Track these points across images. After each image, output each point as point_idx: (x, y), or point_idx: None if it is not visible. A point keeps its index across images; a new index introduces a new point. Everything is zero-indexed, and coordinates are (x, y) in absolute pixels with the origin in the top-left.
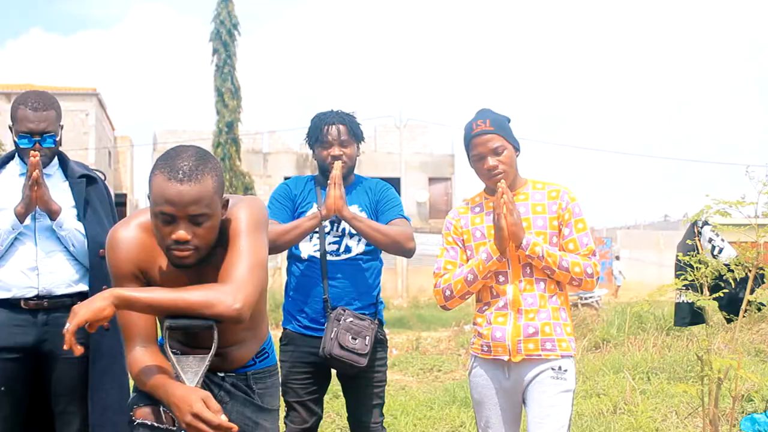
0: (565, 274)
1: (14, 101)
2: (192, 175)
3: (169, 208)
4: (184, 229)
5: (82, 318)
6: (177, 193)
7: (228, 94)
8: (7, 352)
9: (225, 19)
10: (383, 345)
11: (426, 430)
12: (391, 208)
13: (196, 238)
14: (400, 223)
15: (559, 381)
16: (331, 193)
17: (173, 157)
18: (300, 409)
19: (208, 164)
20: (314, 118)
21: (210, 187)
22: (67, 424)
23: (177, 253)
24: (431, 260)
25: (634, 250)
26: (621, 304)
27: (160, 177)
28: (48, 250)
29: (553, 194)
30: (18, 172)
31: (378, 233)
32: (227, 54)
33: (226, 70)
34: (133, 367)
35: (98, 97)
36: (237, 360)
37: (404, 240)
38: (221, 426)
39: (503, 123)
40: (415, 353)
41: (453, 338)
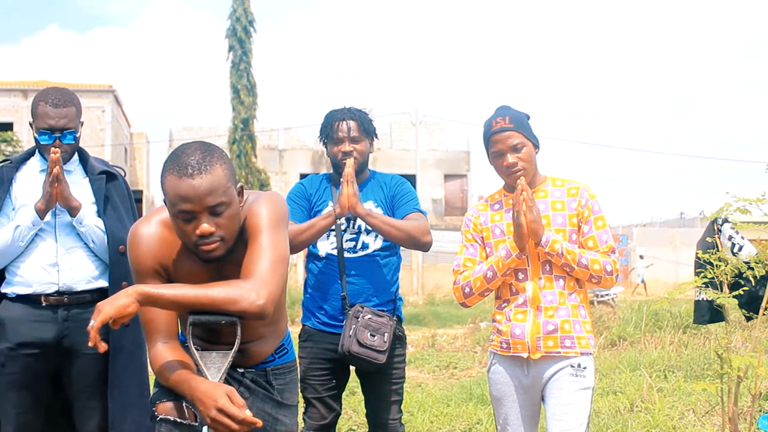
0: (584, 272)
1: (35, 98)
2: (201, 167)
3: (186, 206)
4: (206, 222)
5: (106, 315)
6: (191, 187)
7: (244, 91)
8: (27, 348)
9: (241, 15)
10: (402, 342)
11: (443, 427)
12: (407, 202)
13: (220, 228)
14: (415, 217)
15: (578, 378)
16: (344, 191)
17: (179, 155)
18: (318, 406)
19: (214, 154)
20: (326, 115)
21: (221, 175)
22: (88, 419)
23: (205, 247)
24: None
25: (649, 247)
26: (637, 301)
27: (171, 177)
28: (68, 246)
29: (572, 191)
30: (38, 168)
31: (393, 228)
32: (243, 51)
33: (242, 67)
34: (155, 362)
35: (114, 93)
36: (257, 356)
37: (420, 234)
38: (246, 420)
39: (522, 120)
40: (431, 350)
41: (469, 335)
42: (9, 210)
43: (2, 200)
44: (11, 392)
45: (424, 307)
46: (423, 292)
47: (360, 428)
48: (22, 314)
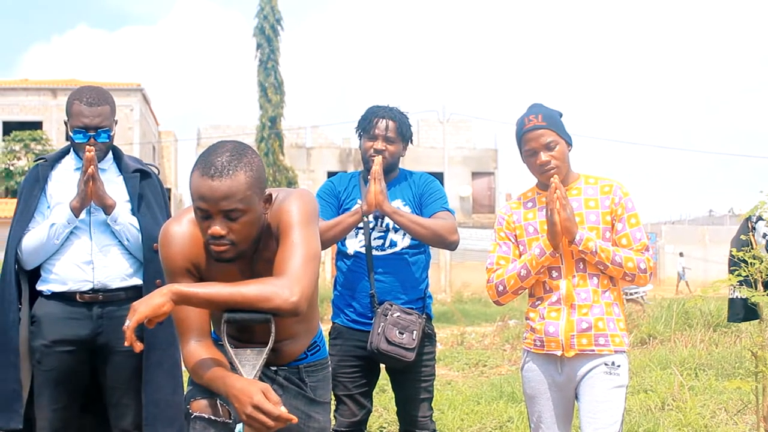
0: (618, 270)
1: (69, 97)
2: (223, 171)
3: (202, 204)
4: (218, 224)
5: (142, 314)
6: (208, 189)
7: (271, 89)
8: (63, 345)
9: (268, 14)
10: (431, 339)
11: (473, 424)
12: (435, 201)
13: (232, 233)
14: (443, 215)
15: (612, 376)
16: (371, 188)
17: (210, 152)
18: (349, 403)
19: (243, 159)
20: (368, 108)
21: (242, 183)
22: (121, 416)
23: (214, 248)
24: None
25: (678, 245)
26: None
27: (196, 173)
28: (103, 244)
29: (606, 189)
30: (73, 166)
31: (419, 227)
32: (270, 49)
33: (270, 65)
34: (189, 360)
35: (143, 92)
36: (290, 354)
37: (447, 233)
38: (281, 417)
39: (555, 118)
40: (460, 348)
41: (498, 333)
42: (44, 208)
43: (38, 198)
44: (47, 388)
45: (452, 304)
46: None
47: (391, 426)
48: (58, 311)
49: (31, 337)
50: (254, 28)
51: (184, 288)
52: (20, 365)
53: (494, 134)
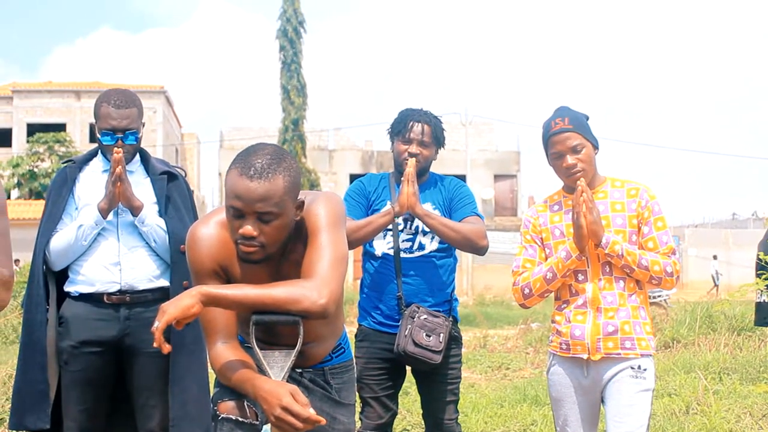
0: (644, 273)
1: (97, 99)
2: (263, 173)
3: (237, 203)
4: (250, 224)
5: (171, 316)
6: (246, 189)
7: (294, 92)
8: (90, 346)
9: (291, 16)
10: (457, 342)
11: (497, 428)
12: (465, 205)
13: (263, 235)
14: (473, 220)
15: (639, 380)
16: (404, 190)
17: (250, 153)
18: (375, 405)
19: (282, 164)
20: (402, 111)
21: (280, 187)
22: (148, 417)
23: (243, 248)
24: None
25: (701, 248)
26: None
27: (234, 172)
28: (130, 245)
29: (632, 192)
30: (101, 168)
31: (450, 230)
32: (293, 51)
33: (293, 68)
34: (216, 362)
35: (166, 94)
36: (315, 356)
37: (477, 237)
38: (310, 419)
39: (582, 121)
40: (483, 351)
41: (521, 336)
42: (72, 209)
43: (66, 200)
44: (74, 389)
45: (475, 307)
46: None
47: (414, 428)
48: (85, 313)
49: (58, 338)
50: (277, 31)
51: (212, 289)
52: (48, 366)
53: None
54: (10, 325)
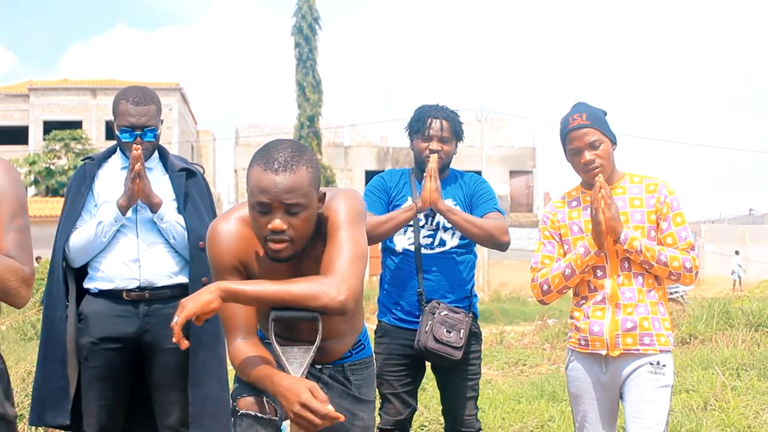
0: (663, 269)
1: (116, 96)
2: (287, 166)
3: (264, 198)
4: (279, 218)
5: (190, 311)
6: (272, 182)
7: (309, 88)
8: (109, 342)
9: (306, 13)
10: (477, 338)
11: (514, 423)
12: (486, 201)
13: (292, 228)
14: (494, 216)
15: (658, 376)
16: (426, 186)
17: (270, 149)
18: (395, 401)
19: (304, 156)
20: (419, 108)
21: (305, 178)
22: (168, 413)
23: (273, 245)
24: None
25: (718, 244)
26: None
27: (257, 168)
28: (149, 242)
29: (650, 188)
30: (120, 165)
31: (473, 226)
32: (308, 48)
33: (308, 64)
34: (235, 358)
35: (181, 91)
36: (335, 352)
37: (499, 233)
38: (329, 415)
39: (600, 116)
40: (499, 347)
41: (537, 332)
42: (91, 206)
43: (85, 197)
44: (94, 386)
45: (491, 303)
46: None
47: (432, 424)
48: (105, 309)
49: (78, 334)
50: (292, 27)
51: (232, 285)
52: (68, 362)
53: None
54: (29, 322)
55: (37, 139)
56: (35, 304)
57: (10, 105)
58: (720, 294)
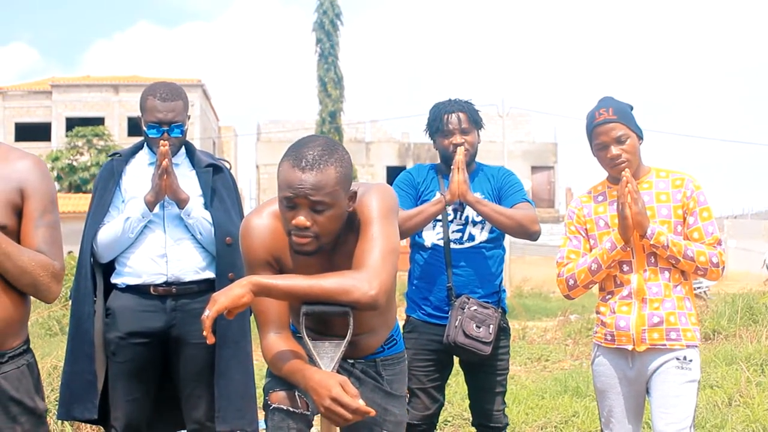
0: (690, 264)
1: (143, 92)
2: (315, 164)
3: (290, 194)
4: (304, 215)
5: (222, 305)
6: (298, 179)
7: (331, 84)
8: (137, 337)
9: (328, 8)
10: (506, 333)
11: (538, 419)
12: (514, 192)
13: (316, 225)
14: (523, 206)
15: (684, 371)
16: (454, 178)
17: (301, 145)
18: (422, 396)
19: (334, 155)
20: (433, 108)
21: (332, 178)
22: (194, 408)
23: (296, 239)
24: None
25: (741, 240)
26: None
27: (286, 164)
28: (176, 237)
29: (677, 183)
30: (147, 161)
31: (502, 216)
32: (330, 44)
33: (329, 60)
34: (268, 352)
35: (203, 88)
36: (367, 347)
37: (529, 223)
38: (359, 410)
39: (626, 111)
40: (522, 343)
41: (559, 328)
42: (119, 202)
43: (112, 193)
44: (121, 380)
45: (513, 299)
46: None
47: (456, 419)
48: (132, 304)
49: (105, 329)
50: (313, 23)
51: (263, 279)
52: (95, 357)
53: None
54: (54, 318)
55: (60, 136)
56: (60, 299)
57: (33, 102)
58: (743, 290)
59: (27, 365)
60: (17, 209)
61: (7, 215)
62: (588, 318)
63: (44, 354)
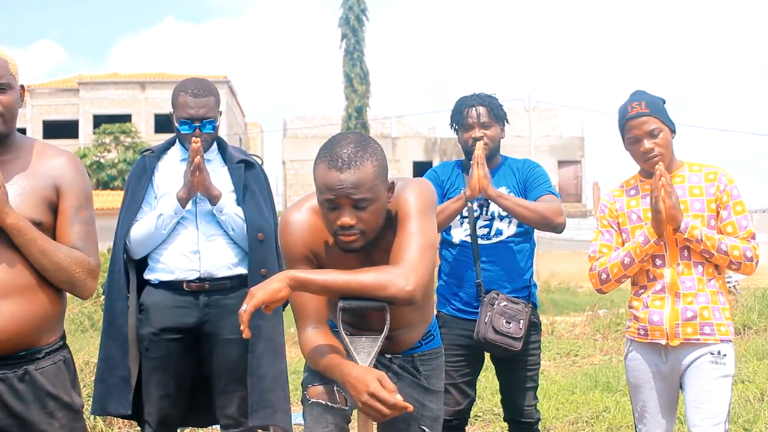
0: (723, 258)
1: (175, 88)
2: (351, 162)
3: (331, 196)
4: (347, 215)
5: (259, 299)
6: (338, 180)
7: (357, 80)
8: (170, 333)
9: (353, 4)
10: (537, 328)
11: (568, 414)
12: (540, 185)
13: (361, 222)
14: (548, 198)
15: (718, 366)
16: (474, 173)
17: (333, 145)
18: (453, 392)
19: (368, 150)
20: (456, 101)
21: (370, 173)
22: (227, 403)
23: (343, 238)
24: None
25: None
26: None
27: (322, 166)
28: (209, 234)
29: (710, 176)
30: (179, 157)
31: (525, 210)
32: (356, 39)
33: (355, 56)
34: (305, 347)
35: (229, 84)
36: (405, 342)
37: (553, 215)
38: (397, 405)
39: (659, 104)
40: (551, 338)
41: (588, 323)
42: (151, 199)
43: (145, 189)
44: (154, 376)
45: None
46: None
47: (486, 414)
48: (165, 300)
49: (139, 325)
50: (339, 19)
51: (301, 274)
52: (129, 353)
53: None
54: (86, 313)
55: (87, 133)
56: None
57: (61, 99)
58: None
59: (63, 361)
60: (53, 206)
61: (43, 212)
62: (617, 313)
63: (76, 350)
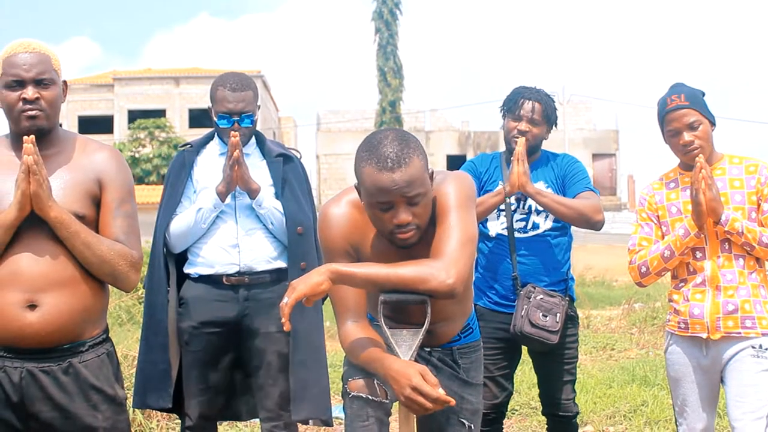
0: (765, 251)
1: (213, 83)
2: (401, 161)
3: (386, 197)
4: (403, 213)
5: (300, 293)
6: (391, 181)
7: (390, 73)
8: (210, 327)
9: None
10: (574, 321)
11: (606, 408)
12: (578, 181)
13: (416, 217)
14: (587, 195)
15: (760, 359)
16: (514, 169)
17: (376, 145)
18: (491, 385)
19: (411, 144)
20: (515, 88)
21: (419, 168)
22: (267, 397)
23: (401, 236)
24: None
25: None
26: None
27: (370, 169)
28: (248, 228)
29: (751, 169)
30: (218, 152)
31: (563, 207)
32: (389, 33)
33: (389, 50)
34: (345, 340)
35: (262, 79)
36: (444, 335)
37: (591, 212)
38: (440, 399)
39: (698, 97)
40: (587, 331)
41: (624, 317)
42: (191, 193)
43: (184, 183)
44: (195, 369)
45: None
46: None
47: (522, 408)
48: (205, 294)
49: (179, 318)
50: (373, 13)
51: (341, 267)
52: (169, 346)
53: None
54: (124, 307)
55: (122, 128)
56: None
57: (96, 95)
58: None
59: (107, 354)
60: (96, 199)
61: (85, 205)
62: (653, 306)
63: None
